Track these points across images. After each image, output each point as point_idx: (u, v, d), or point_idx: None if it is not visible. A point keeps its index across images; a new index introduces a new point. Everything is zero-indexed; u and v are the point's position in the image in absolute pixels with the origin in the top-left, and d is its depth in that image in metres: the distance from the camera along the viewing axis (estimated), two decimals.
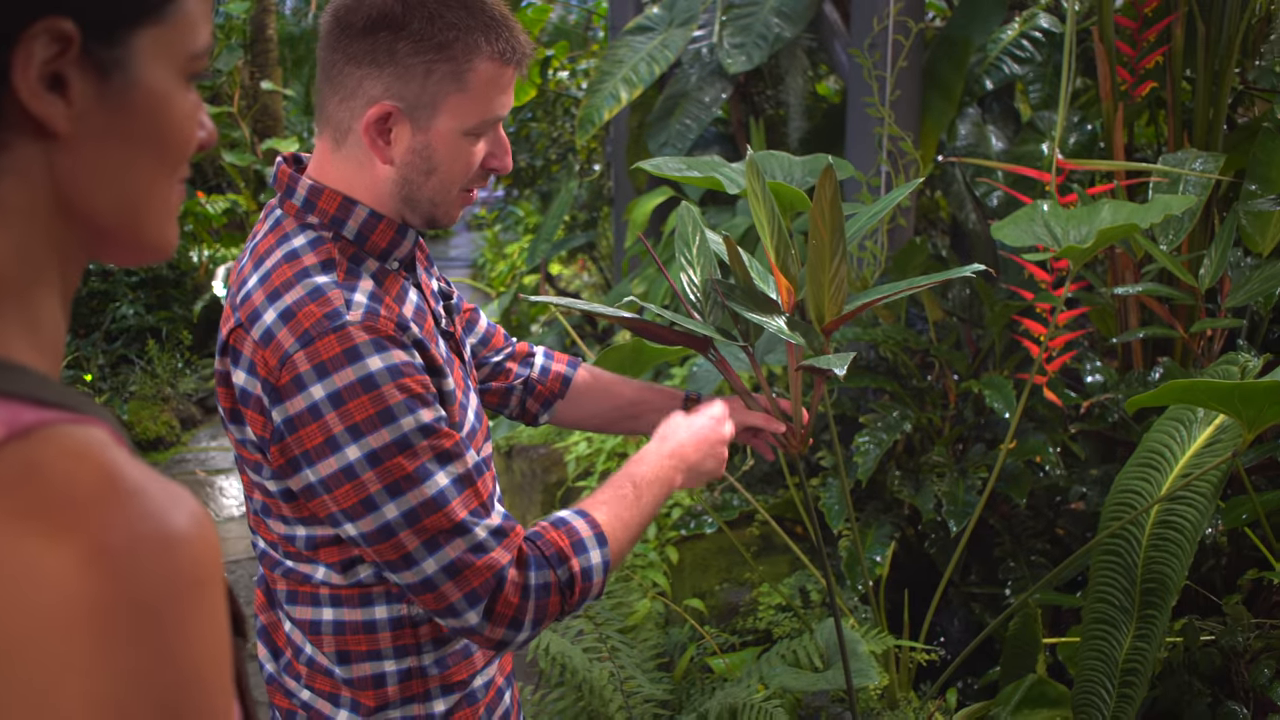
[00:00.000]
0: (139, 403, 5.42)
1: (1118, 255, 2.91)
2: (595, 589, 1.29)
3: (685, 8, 3.97)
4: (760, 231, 1.43)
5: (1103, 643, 2.06)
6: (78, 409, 0.59)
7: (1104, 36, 2.93)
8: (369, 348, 1.15)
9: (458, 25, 1.17)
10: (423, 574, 1.19)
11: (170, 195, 0.69)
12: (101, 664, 0.52)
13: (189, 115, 0.68)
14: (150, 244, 0.69)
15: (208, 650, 0.56)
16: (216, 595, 0.57)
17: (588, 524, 1.28)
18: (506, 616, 1.21)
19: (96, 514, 0.53)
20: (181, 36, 0.66)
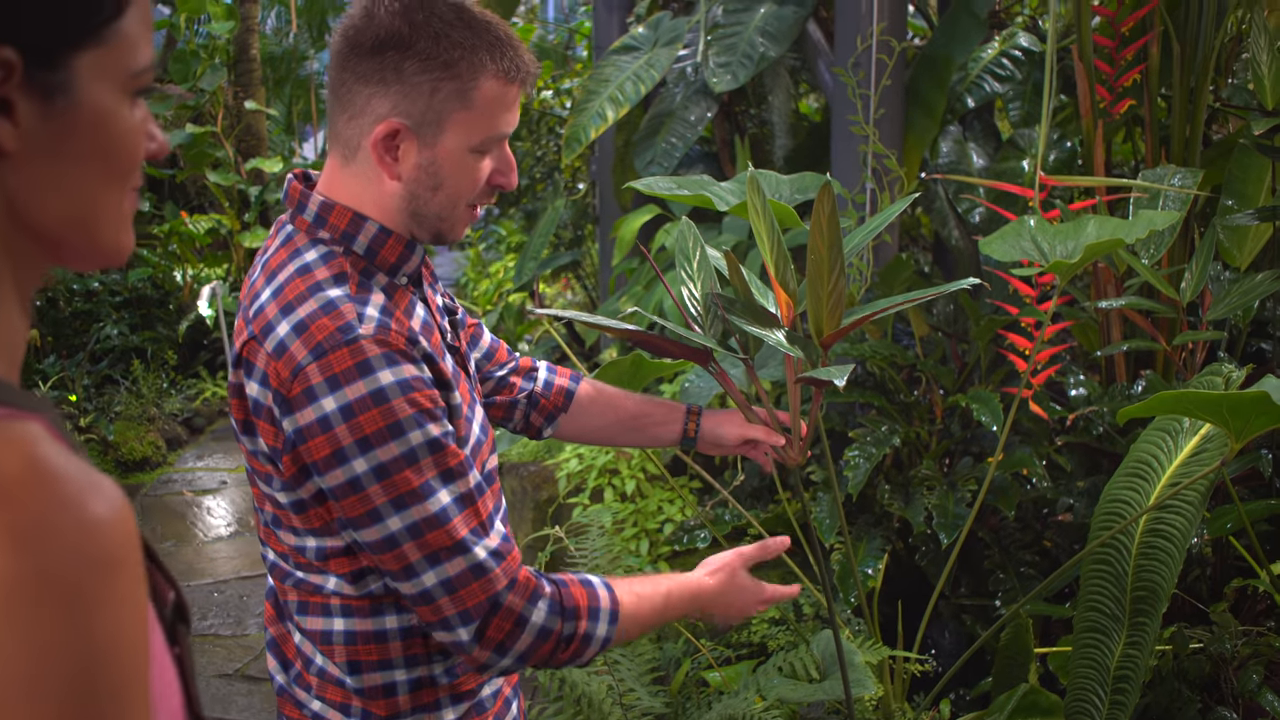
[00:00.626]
0: (124, 423, 5.41)
1: (1100, 270, 2.96)
2: (586, 658, 1.33)
3: (670, 28, 4.01)
4: (760, 246, 1.46)
5: (1095, 651, 2.09)
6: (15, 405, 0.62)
7: (1083, 55, 2.98)
8: (380, 361, 1.18)
9: (463, 45, 1.20)
10: (421, 586, 1.22)
11: (122, 204, 0.72)
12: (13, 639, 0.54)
13: (134, 129, 0.71)
14: (105, 250, 0.72)
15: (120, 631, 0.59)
16: (131, 579, 0.60)
17: (611, 599, 1.32)
18: (495, 641, 1.24)
19: (16, 498, 0.56)
20: (121, 56, 0.69)
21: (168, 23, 7.22)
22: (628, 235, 3.81)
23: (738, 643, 2.73)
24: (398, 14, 1.20)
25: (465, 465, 1.24)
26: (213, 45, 6.85)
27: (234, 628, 3.88)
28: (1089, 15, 2.98)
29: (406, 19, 1.19)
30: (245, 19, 6.98)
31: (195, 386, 6.25)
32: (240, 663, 3.65)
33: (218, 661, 3.66)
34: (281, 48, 8.24)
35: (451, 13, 1.21)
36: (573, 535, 2.60)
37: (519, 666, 1.29)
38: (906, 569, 3.04)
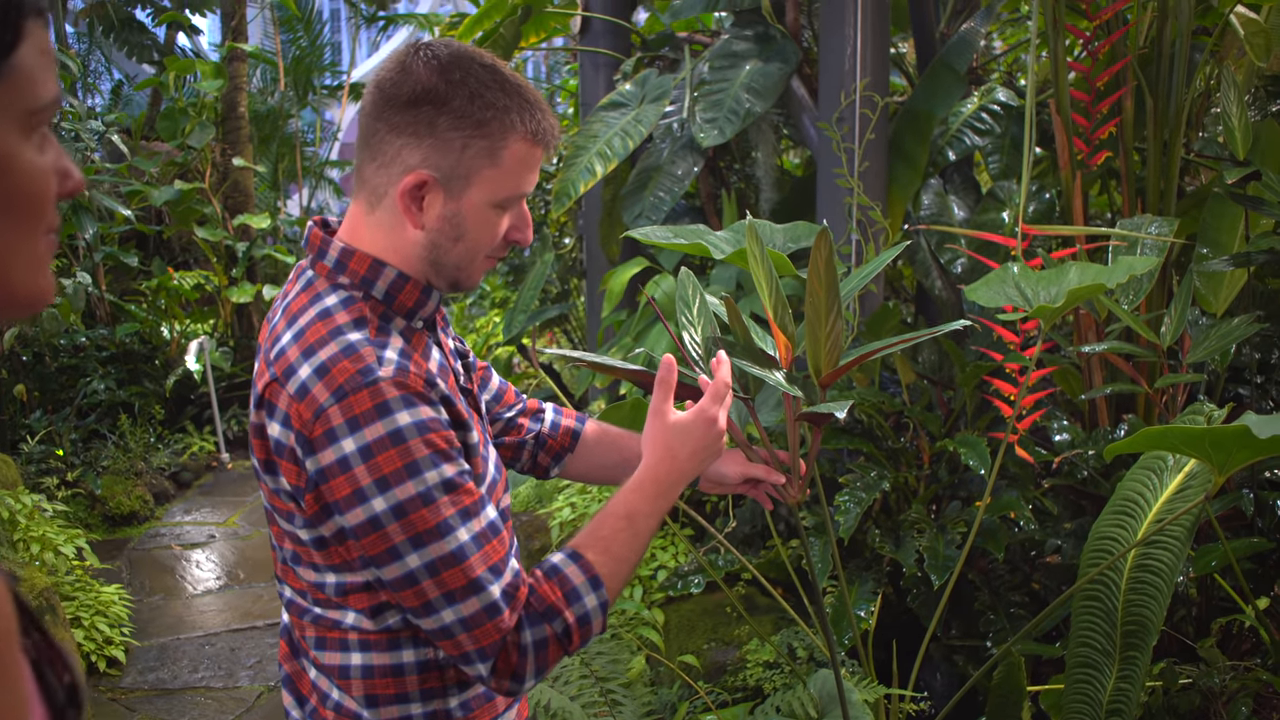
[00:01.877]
0: (112, 477, 5.41)
1: (1082, 316, 3.03)
2: (595, 630, 1.34)
3: (657, 84, 4.10)
4: (759, 291, 1.52)
5: (1087, 685, 2.13)
6: None
7: (1061, 109, 3.07)
8: (399, 403, 1.21)
9: (496, 105, 1.25)
10: (441, 622, 1.24)
11: (35, 248, 0.68)
12: None
13: (37, 169, 0.67)
14: (19, 298, 0.68)
15: None
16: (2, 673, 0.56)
17: (580, 568, 1.31)
18: (509, 671, 1.27)
19: None
20: (19, 94, 0.65)
21: (156, 80, 7.30)
22: (617, 287, 3.88)
23: (733, 686, 2.76)
24: (435, 70, 1.25)
25: (481, 504, 1.27)
26: (201, 103, 6.92)
27: (225, 680, 3.87)
28: (1065, 70, 3.07)
29: (444, 76, 1.25)
30: (234, 77, 7.08)
31: (182, 441, 6.26)
32: (232, 715, 3.64)
33: (209, 714, 3.65)
34: (267, 106, 8.32)
35: (487, 73, 1.26)
36: None
37: (542, 677, 1.32)
38: (897, 612, 3.08)
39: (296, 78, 8.25)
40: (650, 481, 1.40)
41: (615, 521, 1.36)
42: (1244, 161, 2.88)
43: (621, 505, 1.38)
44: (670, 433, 1.41)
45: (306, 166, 8.48)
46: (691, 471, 1.42)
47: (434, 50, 1.27)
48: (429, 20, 8.90)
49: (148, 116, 8.04)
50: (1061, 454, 2.88)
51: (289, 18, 8.17)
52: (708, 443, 1.41)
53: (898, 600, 3.08)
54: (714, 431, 1.41)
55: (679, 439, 1.41)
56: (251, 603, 4.53)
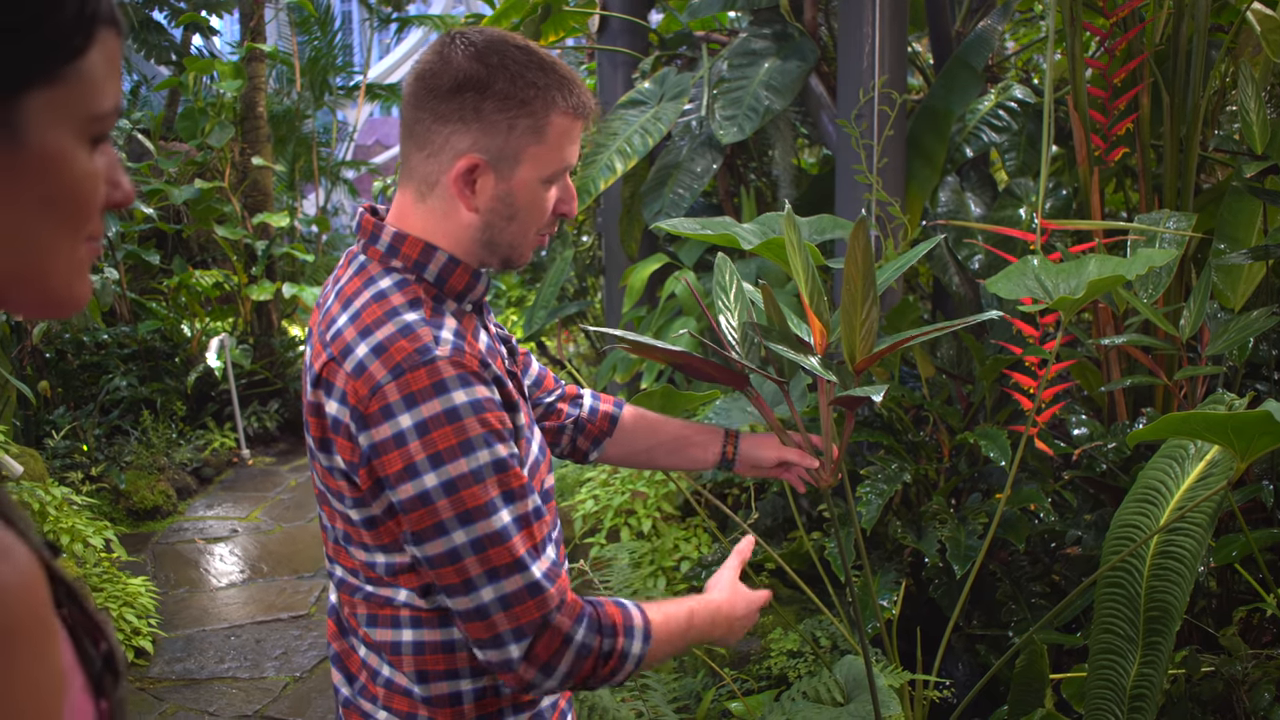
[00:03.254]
0: (135, 472, 5.46)
1: (1100, 310, 3.07)
2: (622, 675, 1.37)
3: (676, 82, 4.14)
4: (795, 278, 1.56)
5: (1110, 672, 2.16)
6: None
7: (1078, 105, 3.10)
8: (455, 382, 1.25)
9: (536, 84, 1.30)
10: (479, 600, 1.27)
11: (75, 253, 0.68)
12: None
13: (90, 175, 0.68)
14: (56, 301, 0.69)
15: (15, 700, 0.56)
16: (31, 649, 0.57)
17: (642, 618, 1.37)
18: (542, 659, 1.29)
19: None
20: (81, 98, 0.66)
21: (175, 81, 7.36)
22: (638, 283, 3.92)
23: (758, 674, 2.80)
24: (473, 57, 1.29)
25: (527, 489, 1.31)
26: (220, 103, 6.97)
27: (251, 670, 3.92)
28: (1083, 67, 3.11)
29: (482, 62, 1.29)
30: (252, 77, 7.13)
31: (203, 437, 6.31)
32: (259, 704, 3.69)
33: (237, 704, 3.70)
34: (283, 106, 8.37)
35: (523, 54, 1.31)
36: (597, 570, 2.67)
37: (561, 687, 1.33)
38: (918, 603, 3.11)
39: (312, 78, 8.30)
40: (712, 609, 1.50)
41: (679, 610, 1.45)
42: (1262, 155, 2.91)
43: (687, 604, 1.47)
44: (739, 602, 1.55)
45: (322, 166, 8.54)
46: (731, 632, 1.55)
47: (469, 38, 1.32)
48: (443, 22, 8.94)
49: (165, 117, 8.10)
50: (1080, 447, 2.91)
51: (305, 19, 8.22)
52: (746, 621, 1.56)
53: (918, 591, 3.12)
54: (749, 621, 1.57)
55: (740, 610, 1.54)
56: (275, 596, 4.58)
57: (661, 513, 3.48)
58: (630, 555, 3.16)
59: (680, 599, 1.48)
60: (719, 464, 1.73)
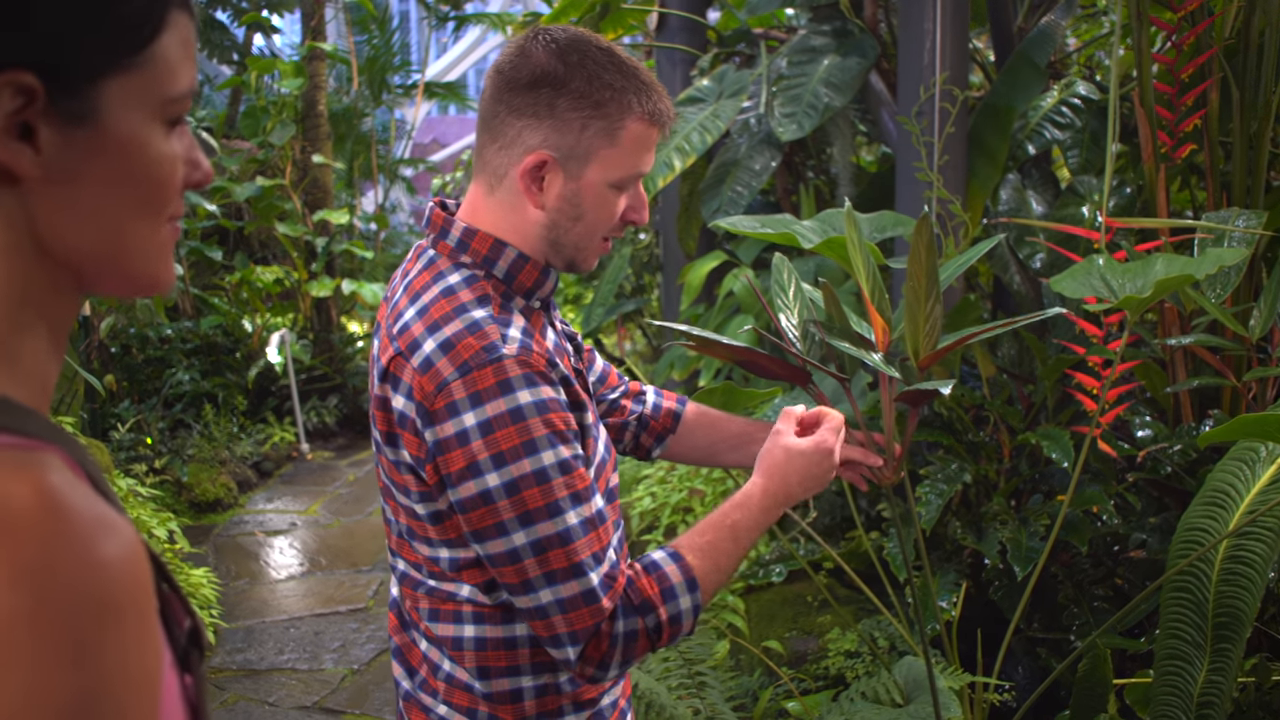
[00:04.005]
0: (197, 465, 5.55)
1: (1166, 309, 3.02)
2: (685, 630, 1.36)
3: (735, 80, 4.13)
4: (857, 276, 1.55)
5: (1177, 678, 2.13)
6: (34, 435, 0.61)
7: (1144, 101, 3.05)
8: (521, 382, 1.25)
9: (614, 86, 1.29)
10: (538, 601, 1.28)
11: (157, 234, 0.70)
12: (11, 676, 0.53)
13: (167, 157, 0.69)
14: (138, 282, 0.71)
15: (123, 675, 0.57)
16: (137, 623, 0.58)
17: (680, 569, 1.35)
18: (595, 659, 1.30)
19: (23, 532, 0.55)
20: (156, 82, 0.67)
21: (238, 80, 7.46)
22: (696, 281, 3.91)
23: (815, 674, 2.78)
24: (554, 54, 1.29)
25: (591, 490, 1.30)
26: (281, 101, 7.06)
27: (310, 662, 3.97)
28: (1149, 62, 3.06)
29: (562, 59, 1.29)
30: (313, 76, 7.21)
31: (264, 431, 6.40)
32: (318, 695, 3.73)
33: (296, 694, 3.75)
34: (342, 105, 8.46)
35: (604, 55, 1.31)
36: None
37: (625, 670, 1.34)
38: (976, 605, 3.08)
39: (371, 77, 8.38)
40: (759, 496, 1.44)
41: (719, 530, 1.40)
42: None
43: (727, 515, 1.42)
44: (788, 455, 1.47)
45: (381, 164, 8.61)
46: (798, 496, 1.47)
47: (552, 34, 1.31)
48: (501, 20, 8.98)
49: (228, 115, 8.22)
50: (1145, 449, 2.87)
51: (364, 18, 8.30)
52: (820, 472, 1.48)
53: (978, 593, 3.09)
54: (828, 463, 1.48)
55: (795, 462, 1.46)
56: (334, 589, 4.63)
57: None
58: None
59: (720, 512, 1.42)
60: None
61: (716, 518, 1.42)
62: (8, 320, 0.66)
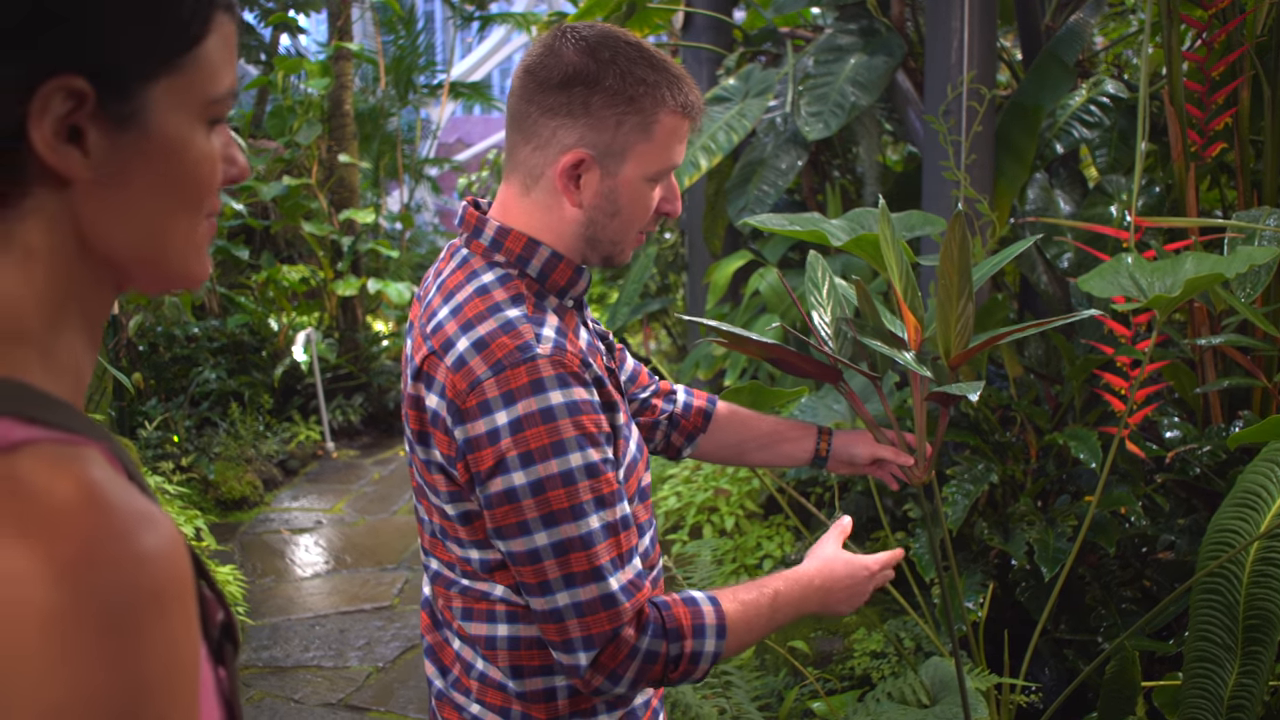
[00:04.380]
0: (223, 463, 5.58)
1: (1196, 309, 3.00)
2: (699, 674, 1.36)
3: (761, 79, 4.13)
4: (890, 274, 1.55)
5: (1207, 681, 2.11)
6: (74, 430, 0.62)
7: (1174, 99, 3.03)
8: (554, 382, 1.24)
9: (646, 81, 1.29)
10: (554, 604, 1.27)
11: (195, 230, 0.72)
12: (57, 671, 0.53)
13: (209, 157, 0.71)
14: (174, 278, 0.72)
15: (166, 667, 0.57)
16: (180, 615, 0.59)
17: (715, 613, 1.35)
18: (608, 669, 1.29)
19: (65, 526, 0.55)
20: (200, 83, 0.68)
21: (265, 80, 7.50)
22: (721, 280, 3.91)
23: (840, 674, 2.78)
24: (584, 52, 1.29)
25: (618, 495, 1.30)
26: (308, 101, 7.09)
27: (335, 660, 3.99)
28: (1180, 60, 3.04)
29: (593, 56, 1.29)
30: (339, 76, 7.24)
31: (289, 430, 6.43)
32: (343, 693, 3.75)
33: (321, 691, 3.76)
34: (368, 105, 8.49)
35: (634, 50, 1.31)
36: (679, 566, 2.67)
37: (629, 692, 1.33)
38: (1003, 606, 3.07)
39: (397, 77, 8.41)
40: (803, 583, 1.46)
41: (760, 593, 1.41)
42: None
43: (771, 583, 1.44)
44: (838, 560, 1.50)
45: (406, 164, 8.64)
46: (830, 602, 1.49)
47: (580, 32, 1.31)
48: (526, 20, 9.00)
49: (255, 115, 8.26)
50: (1173, 450, 2.85)
51: (390, 18, 8.33)
52: (856, 589, 1.51)
53: (1004, 594, 3.07)
54: (865, 587, 1.51)
55: (842, 568, 1.50)
56: (359, 587, 4.65)
57: (744, 510, 3.47)
58: (712, 553, 3.16)
59: (764, 579, 1.45)
60: (813, 460, 1.72)
61: (761, 581, 1.44)
62: (48, 319, 0.67)
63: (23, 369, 0.65)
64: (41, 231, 0.66)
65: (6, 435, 0.59)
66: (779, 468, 2.37)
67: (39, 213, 0.65)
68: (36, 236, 0.65)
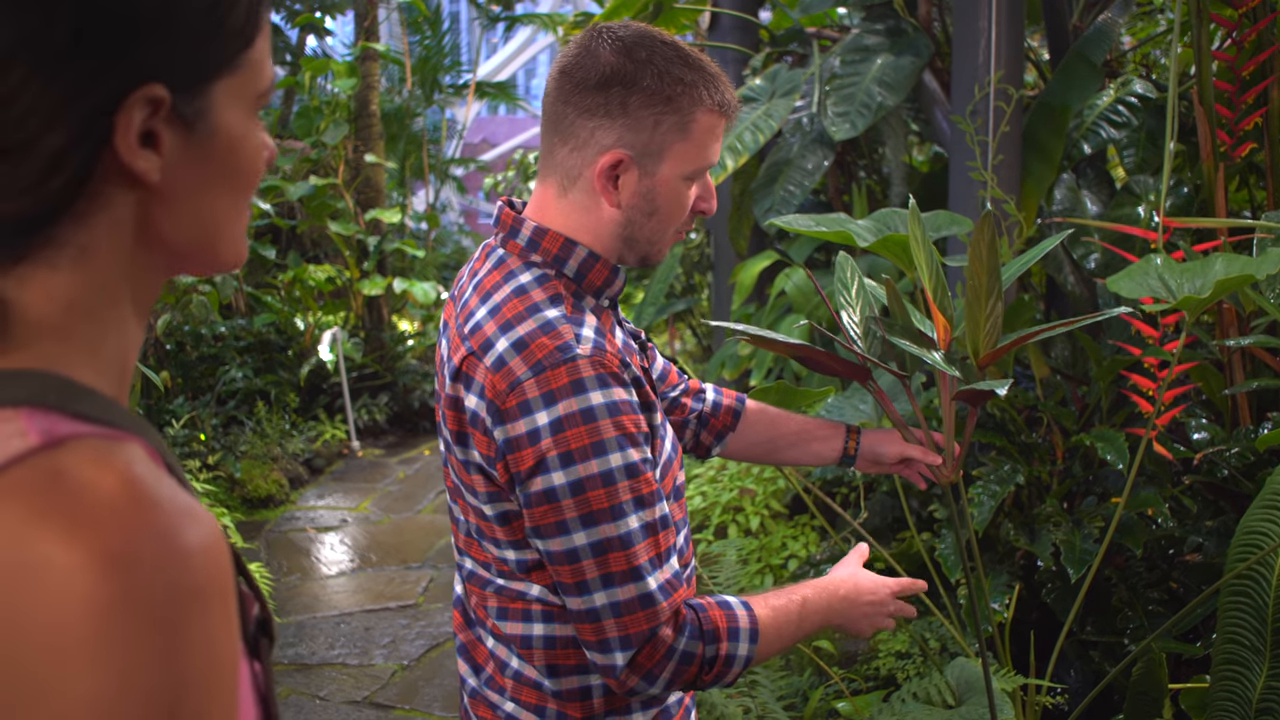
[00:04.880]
0: (250, 462, 5.62)
1: (1225, 310, 2.98)
2: (730, 678, 1.36)
3: (787, 79, 4.12)
4: (920, 273, 1.55)
5: (1235, 684, 2.10)
6: (117, 425, 0.63)
7: (1204, 99, 3.02)
8: (594, 382, 1.24)
9: (683, 80, 1.29)
10: (591, 604, 1.27)
11: (243, 217, 0.75)
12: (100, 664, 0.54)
13: (260, 147, 0.74)
14: (224, 262, 0.75)
15: (208, 662, 0.58)
16: (221, 610, 0.60)
17: (749, 617, 1.35)
18: (644, 668, 1.29)
19: (109, 521, 0.56)
20: (252, 79, 0.72)
21: (292, 80, 7.55)
22: (747, 281, 3.91)
23: (865, 674, 2.78)
24: (621, 52, 1.29)
25: (656, 495, 1.30)
26: (334, 101, 7.13)
27: (360, 658, 4.01)
28: (1209, 59, 3.02)
29: (630, 57, 1.29)
30: (365, 76, 7.28)
31: (315, 429, 6.46)
32: (368, 690, 3.77)
33: (346, 689, 3.78)
34: (394, 105, 8.53)
35: (670, 50, 1.31)
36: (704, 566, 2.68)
37: (663, 692, 1.33)
38: (1028, 608, 3.06)
39: (423, 77, 8.44)
40: (829, 591, 1.47)
41: (789, 602, 1.42)
42: None
43: (800, 593, 1.44)
44: (864, 575, 1.52)
45: (432, 164, 8.67)
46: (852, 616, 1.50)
47: (616, 32, 1.31)
48: (551, 20, 9.02)
49: (282, 115, 8.31)
50: (1201, 451, 2.83)
51: (416, 19, 8.37)
52: (878, 605, 1.51)
53: (1030, 596, 3.06)
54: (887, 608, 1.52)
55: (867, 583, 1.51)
56: (384, 585, 4.68)
57: (769, 510, 3.47)
58: (738, 552, 3.16)
59: (793, 587, 1.46)
60: (840, 459, 1.72)
61: (790, 588, 1.45)
62: (99, 316, 0.68)
63: (68, 364, 0.65)
64: (103, 232, 0.67)
65: (52, 430, 0.60)
66: (807, 466, 2.37)
67: (107, 217, 0.67)
68: (97, 236, 0.67)
